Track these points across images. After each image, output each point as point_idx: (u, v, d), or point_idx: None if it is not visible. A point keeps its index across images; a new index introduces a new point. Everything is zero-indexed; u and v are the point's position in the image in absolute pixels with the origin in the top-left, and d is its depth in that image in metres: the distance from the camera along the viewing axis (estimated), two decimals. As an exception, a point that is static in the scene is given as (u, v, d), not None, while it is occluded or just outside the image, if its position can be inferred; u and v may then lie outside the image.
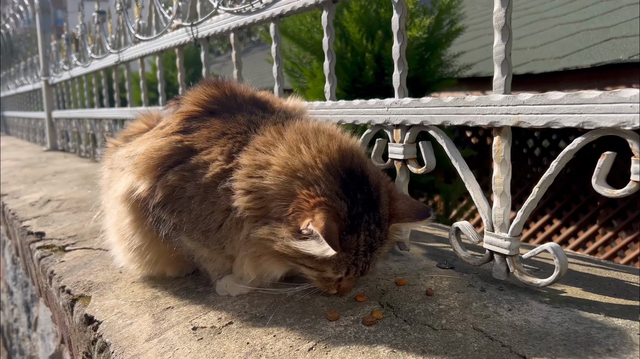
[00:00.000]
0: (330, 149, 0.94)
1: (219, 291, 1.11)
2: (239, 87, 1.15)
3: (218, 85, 1.12)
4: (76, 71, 3.77)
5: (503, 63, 0.96)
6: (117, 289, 1.23)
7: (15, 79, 6.55)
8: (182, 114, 1.09)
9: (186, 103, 1.11)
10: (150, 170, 1.02)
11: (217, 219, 0.97)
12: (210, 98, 1.10)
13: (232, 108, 1.07)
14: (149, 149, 1.04)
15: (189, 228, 1.01)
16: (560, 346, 0.79)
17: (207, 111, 1.08)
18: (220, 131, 1.02)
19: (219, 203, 0.96)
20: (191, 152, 1.01)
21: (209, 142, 1.01)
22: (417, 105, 1.12)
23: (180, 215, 1.00)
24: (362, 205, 0.91)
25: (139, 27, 2.51)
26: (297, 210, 0.88)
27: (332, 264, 0.92)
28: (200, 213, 0.99)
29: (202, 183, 0.98)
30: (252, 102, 1.11)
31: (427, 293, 1.02)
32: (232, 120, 1.04)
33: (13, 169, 3.60)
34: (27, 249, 1.89)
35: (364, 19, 2.75)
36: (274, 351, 0.85)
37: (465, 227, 1.08)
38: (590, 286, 1.05)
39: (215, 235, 0.99)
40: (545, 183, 0.93)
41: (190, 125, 1.06)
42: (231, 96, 1.11)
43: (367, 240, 0.91)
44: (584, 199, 4.02)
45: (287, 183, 0.90)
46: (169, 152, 1.02)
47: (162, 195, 1.00)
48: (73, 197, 2.43)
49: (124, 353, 0.93)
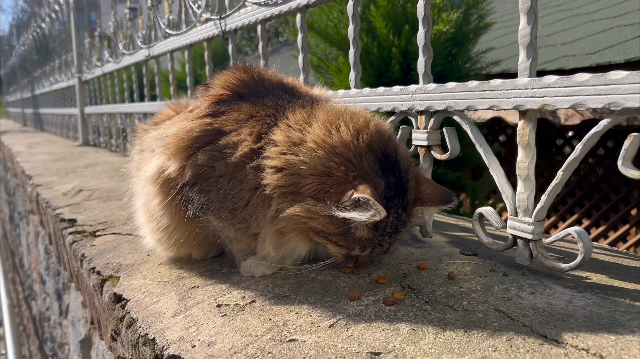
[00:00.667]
0: (369, 129, 0.96)
1: (242, 272, 1.13)
2: (267, 72, 1.17)
3: (246, 69, 1.15)
4: (108, 67, 3.86)
5: (528, 47, 0.96)
6: (144, 270, 1.26)
7: (50, 77, 6.74)
8: (211, 98, 1.12)
9: (215, 87, 1.13)
10: (181, 151, 1.05)
11: (245, 197, 1.00)
12: (239, 82, 1.12)
13: (260, 92, 1.10)
14: (179, 130, 1.07)
15: (216, 206, 1.04)
16: (583, 327, 0.78)
17: (235, 95, 1.10)
18: (249, 114, 1.05)
19: (246, 181, 0.99)
20: (220, 133, 1.04)
21: (237, 124, 1.04)
22: (442, 91, 1.12)
23: (208, 194, 1.03)
24: (394, 188, 0.93)
25: (169, 22, 2.56)
26: (336, 184, 0.90)
27: (362, 242, 0.94)
28: (228, 192, 1.01)
29: (231, 163, 1.00)
30: (279, 87, 1.13)
31: (448, 277, 1.03)
32: (261, 104, 1.06)
33: (47, 162, 3.71)
34: (59, 235, 1.95)
35: (390, 14, 2.75)
36: (295, 327, 0.87)
37: (489, 212, 1.08)
38: (616, 274, 1.04)
39: (241, 213, 1.01)
40: (570, 166, 0.92)
41: (220, 108, 1.09)
42: (259, 80, 1.13)
43: (394, 222, 0.94)
44: (614, 198, 3.94)
45: (325, 159, 0.92)
46: (199, 134, 1.05)
47: (191, 174, 1.03)
48: (103, 187, 2.49)
49: (150, 327, 0.96)
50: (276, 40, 14.79)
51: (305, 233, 0.97)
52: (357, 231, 0.93)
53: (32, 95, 9.00)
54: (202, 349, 0.84)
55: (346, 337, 0.82)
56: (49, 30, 7.28)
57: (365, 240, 0.94)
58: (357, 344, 0.79)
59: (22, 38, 9.51)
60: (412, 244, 1.26)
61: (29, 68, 9.06)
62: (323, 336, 0.83)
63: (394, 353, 0.76)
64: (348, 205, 0.88)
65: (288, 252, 1.05)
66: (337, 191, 0.90)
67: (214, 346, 0.84)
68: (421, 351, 0.76)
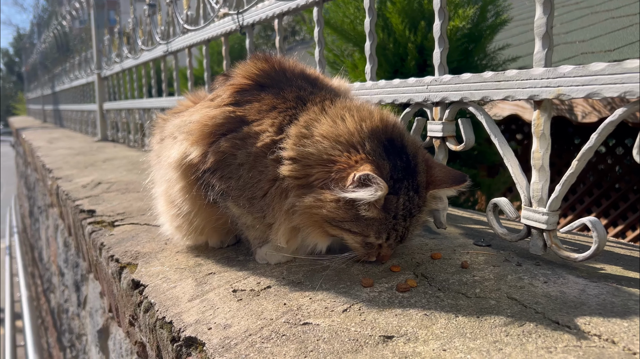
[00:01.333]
0: (373, 118, 0.99)
1: (258, 259, 1.14)
2: (288, 61, 1.18)
3: (267, 59, 1.16)
4: (127, 63, 3.92)
5: (544, 37, 0.96)
6: (162, 257, 1.28)
7: (70, 74, 6.84)
8: (232, 87, 1.13)
9: (237, 77, 1.15)
10: (204, 137, 1.06)
11: (264, 187, 1.01)
12: (260, 72, 1.13)
13: (281, 83, 1.10)
14: (203, 117, 1.08)
15: (236, 194, 1.05)
16: (595, 314, 0.79)
17: (257, 85, 1.12)
18: (271, 105, 1.06)
19: (266, 172, 1.00)
20: (243, 122, 1.06)
21: (260, 114, 1.06)
22: (457, 82, 1.13)
23: (229, 181, 1.05)
24: (402, 171, 0.94)
25: (187, 18, 2.59)
26: (341, 170, 0.93)
27: (375, 227, 0.95)
28: (248, 181, 1.03)
29: (252, 152, 1.02)
30: (301, 77, 1.14)
31: (462, 266, 1.03)
32: (282, 95, 1.07)
33: (66, 156, 3.77)
34: (79, 226, 1.98)
35: (407, 10, 2.75)
36: (309, 311, 0.88)
37: (503, 203, 1.08)
38: (631, 266, 1.03)
39: (259, 203, 1.03)
40: (585, 156, 0.92)
41: (242, 97, 1.10)
42: (280, 70, 1.14)
43: (406, 205, 0.95)
44: (633, 198, 3.89)
45: (329, 148, 0.95)
46: (222, 121, 1.06)
47: (213, 161, 1.05)
48: (122, 180, 2.53)
49: (167, 311, 0.98)
50: (293, 38, 14.83)
51: (321, 226, 0.99)
52: (367, 214, 0.94)
53: (52, 92, 9.14)
54: (218, 331, 0.86)
55: (359, 321, 0.83)
56: (70, 27, 7.39)
57: (378, 224, 0.95)
58: (370, 328, 0.81)
59: (43, 36, 9.66)
60: (425, 235, 1.27)
61: (50, 65, 9.21)
62: (337, 320, 0.84)
63: (406, 336, 0.77)
64: (352, 186, 0.90)
65: (299, 245, 1.07)
66: (342, 176, 0.93)
67: (230, 329, 0.86)
68: (433, 335, 0.77)
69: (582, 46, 3.68)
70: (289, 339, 0.80)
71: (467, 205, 3.24)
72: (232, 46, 6.84)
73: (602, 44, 3.56)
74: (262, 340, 0.81)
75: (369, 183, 0.88)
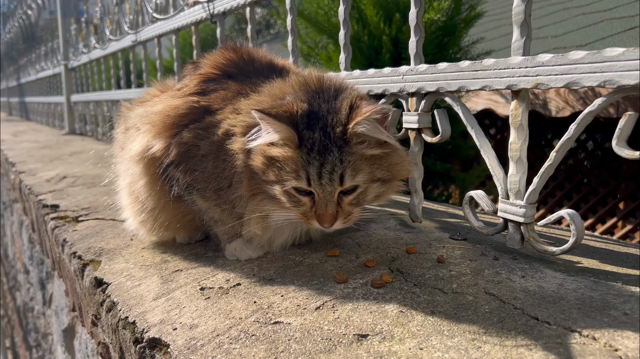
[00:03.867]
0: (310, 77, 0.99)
1: (228, 255, 1.10)
2: (257, 52, 1.14)
3: (236, 49, 1.12)
4: (95, 53, 3.80)
5: (522, 25, 0.93)
6: (127, 254, 1.23)
7: (36, 65, 6.63)
8: (200, 76, 1.09)
9: (204, 66, 1.11)
10: (167, 129, 1.02)
11: (228, 176, 0.97)
12: (228, 62, 1.10)
13: (249, 72, 1.07)
14: (165, 108, 1.04)
15: (202, 186, 1.01)
16: (575, 310, 0.77)
17: (224, 74, 1.08)
18: (236, 92, 1.02)
19: (228, 160, 0.96)
20: (207, 112, 1.02)
21: (224, 103, 1.02)
22: (434, 72, 1.10)
23: (193, 173, 1.00)
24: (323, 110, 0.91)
25: (156, 6, 2.51)
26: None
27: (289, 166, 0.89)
28: (213, 171, 0.99)
29: (215, 141, 0.98)
30: (269, 68, 1.10)
31: (438, 261, 1.00)
32: (248, 83, 1.04)
33: (31, 150, 3.64)
34: (42, 221, 1.90)
35: (381, 2, 2.72)
36: (280, 310, 0.84)
37: (480, 196, 1.06)
38: (608, 259, 1.02)
39: (226, 193, 0.99)
40: (563, 147, 0.90)
41: (208, 87, 1.06)
42: (249, 60, 1.10)
43: (322, 140, 0.88)
44: (603, 191, 3.95)
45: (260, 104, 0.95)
46: (185, 111, 1.02)
47: (176, 153, 1.00)
48: (88, 174, 2.44)
49: (131, 311, 0.93)
50: (267, 32, 14.68)
51: (260, 189, 0.95)
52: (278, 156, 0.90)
53: (17, 84, 8.86)
54: (183, 332, 0.81)
55: (333, 319, 0.80)
56: (36, 18, 7.16)
57: (292, 164, 0.88)
58: (344, 326, 0.77)
59: (7, 26, 9.35)
60: (401, 229, 1.24)
61: (15, 56, 8.92)
62: (309, 318, 0.81)
63: (381, 334, 0.74)
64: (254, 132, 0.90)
65: (275, 234, 1.02)
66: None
67: (196, 329, 0.81)
68: (409, 333, 0.74)
69: (555, 41, 3.71)
70: (258, 340, 0.76)
71: (441, 199, 3.24)
72: (204, 37, 6.72)
73: (574, 39, 3.59)
74: (230, 341, 0.76)
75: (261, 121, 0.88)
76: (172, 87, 1.24)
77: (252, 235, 1.03)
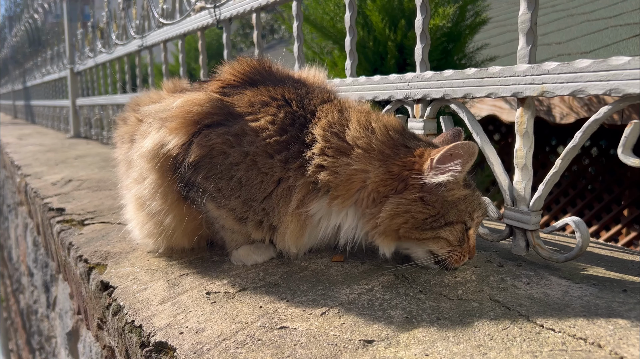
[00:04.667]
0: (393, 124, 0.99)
1: (234, 260, 1.10)
2: (276, 65, 1.14)
3: (259, 59, 1.11)
4: (100, 58, 3.82)
5: (528, 33, 0.94)
6: (133, 258, 1.23)
7: (42, 68, 6.67)
8: (219, 82, 1.06)
9: (224, 73, 1.08)
10: (187, 125, 0.96)
11: (267, 189, 0.96)
12: (250, 69, 1.08)
13: (274, 81, 1.06)
14: (187, 102, 0.98)
15: (225, 195, 0.98)
16: (580, 317, 0.77)
17: (247, 81, 1.05)
18: (268, 96, 1.00)
19: (271, 174, 0.95)
20: (232, 114, 0.98)
21: (253, 108, 0.98)
22: (439, 79, 1.10)
23: (219, 181, 0.97)
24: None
25: (162, 12, 2.52)
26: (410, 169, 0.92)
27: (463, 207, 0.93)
28: (245, 182, 0.96)
29: (251, 151, 0.95)
30: (289, 78, 1.10)
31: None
32: (279, 89, 1.02)
33: (37, 153, 3.66)
34: (47, 224, 1.91)
35: (387, 8, 2.73)
36: (286, 315, 0.85)
37: (485, 203, 1.06)
38: (613, 266, 1.02)
39: (260, 205, 0.97)
40: (569, 154, 0.91)
41: (229, 91, 1.03)
42: (269, 71, 1.09)
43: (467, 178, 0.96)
44: (607, 198, 3.94)
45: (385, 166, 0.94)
46: (210, 109, 0.97)
47: (198, 155, 0.95)
48: (93, 178, 2.46)
49: (137, 315, 0.94)
50: (272, 37, 14.72)
51: (397, 234, 0.94)
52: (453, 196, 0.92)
53: (23, 87, 8.91)
54: (190, 336, 0.82)
55: (338, 325, 0.80)
56: (42, 21, 7.21)
57: (465, 203, 0.93)
58: (350, 331, 0.77)
59: (14, 29, 9.41)
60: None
61: (21, 60, 8.97)
62: (315, 323, 0.81)
63: (387, 340, 0.74)
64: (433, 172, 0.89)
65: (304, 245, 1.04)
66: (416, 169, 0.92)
67: (202, 333, 0.82)
68: (415, 339, 0.74)
69: (559, 48, 3.71)
70: (264, 344, 0.76)
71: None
72: (209, 42, 6.75)
73: (578, 45, 3.60)
74: (237, 345, 0.77)
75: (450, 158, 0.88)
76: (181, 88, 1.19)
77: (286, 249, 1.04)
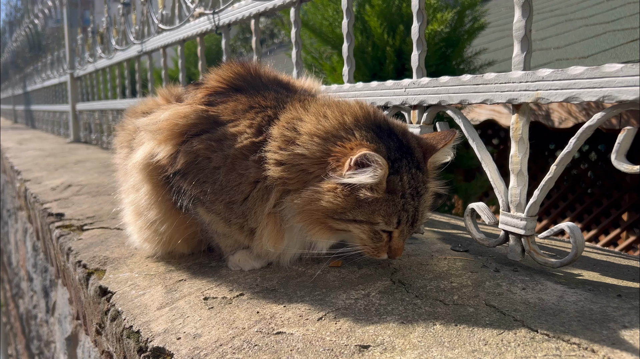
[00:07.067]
0: (353, 109, 0.96)
1: (231, 266, 1.11)
2: (263, 67, 1.15)
3: (243, 64, 1.13)
4: (100, 63, 3.83)
5: (523, 40, 0.95)
6: (131, 263, 1.24)
7: (42, 73, 6.69)
8: (206, 89, 1.09)
9: (210, 80, 1.11)
10: (174, 137, 1.01)
11: (244, 191, 0.97)
12: (235, 75, 1.10)
13: (257, 86, 1.07)
14: (173, 115, 1.02)
15: (211, 199, 1.00)
16: (575, 322, 0.77)
17: (232, 88, 1.08)
18: (248, 105, 1.02)
19: (247, 174, 0.96)
20: (216, 123, 1.01)
21: (235, 115, 1.01)
22: (435, 85, 1.11)
23: (203, 185, 0.99)
24: (397, 150, 0.92)
25: (162, 17, 2.54)
26: (336, 159, 0.89)
27: (383, 211, 0.90)
28: (225, 184, 0.98)
29: (230, 154, 0.97)
30: (275, 82, 1.11)
31: (439, 272, 1.01)
32: (259, 96, 1.04)
33: (36, 158, 3.67)
34: (46, 230, 1.92)
35: (385, 13, 2.74)
36: (283, 320, 0.85)
37: (481, 208, 1.07)
38: (608, 271, 1.03)
39: (240, 207, 0.99)
40: (564, 160, 0.91)
41: (215, 99, 1.06)
42: (256, 75, 1.11)
43: (411, 183, 0.91)
44: (606, 203, 3.95)
45: (322, 145, 0.91)
46: (195, 121, 1.01)
47: (184, 162, 0.99)
48: (93, 183, 2.46)
49: (135, 320, 0.94)
50: (271, 41, 14.76)
51: (323, 223, 0.93)
52: (371, 197, 0.89)
53: (23, 92, 8.93)
54: (187, 341, 0.82)
55: (335, 330, 0.80)
56: (42, 26, 7.23)
57: (385, 207, 0.90)
58: (346, 337, 0.78)
59: (14, 34, 9.44)
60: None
61: (21, 65, 8.99)
62: (311, 329, 0.81)
63: (382, 346, 0.75)
64: (350, 172, 0.86)
65: (285, 248, 1.03)
66: (338, 165, 0.89)
67: (200, 339, 0.82)
68: (410, 344, 0.75)
69: (557, 53, 3.73)
70: (261, 350, 0.77)
71: (443, 210, 3.24)
72: (208, 47, 6.76)
73: (576, 50, 3.61)
74: (234, 351, 0.77)
75: (368, 163, 0.85)
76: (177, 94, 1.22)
77: (262, 252, 1.03)
